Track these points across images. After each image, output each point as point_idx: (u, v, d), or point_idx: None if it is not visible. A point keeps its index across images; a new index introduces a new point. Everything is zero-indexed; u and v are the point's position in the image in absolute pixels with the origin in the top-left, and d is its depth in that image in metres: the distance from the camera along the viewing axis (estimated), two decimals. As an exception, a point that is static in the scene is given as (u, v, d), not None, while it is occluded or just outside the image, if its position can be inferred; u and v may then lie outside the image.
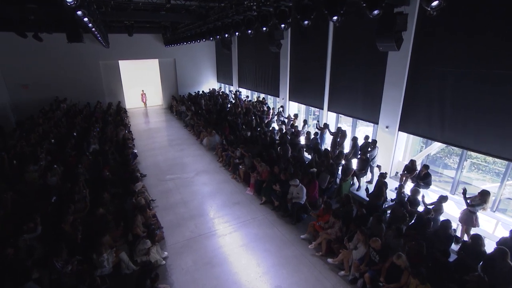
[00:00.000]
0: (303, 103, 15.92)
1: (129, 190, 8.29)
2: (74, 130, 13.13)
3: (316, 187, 8.99)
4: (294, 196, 8.66)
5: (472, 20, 7.82)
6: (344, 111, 13.07)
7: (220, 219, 8.85)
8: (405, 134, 10.87)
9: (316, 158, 10.56)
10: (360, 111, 12.16)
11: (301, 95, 15.58)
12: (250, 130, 13.66)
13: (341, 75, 12.75)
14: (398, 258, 5.48)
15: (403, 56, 9.84)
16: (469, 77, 8.10)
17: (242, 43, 20.98)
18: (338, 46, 12.75)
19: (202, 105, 19.69)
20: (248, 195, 10.22)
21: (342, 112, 13.20)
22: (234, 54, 21.64)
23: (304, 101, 15.65)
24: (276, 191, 9.20)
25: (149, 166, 12.67)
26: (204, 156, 13.83)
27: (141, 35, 21.37)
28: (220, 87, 25.43)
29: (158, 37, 22.32)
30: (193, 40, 15.45)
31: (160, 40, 22.47)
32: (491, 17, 7.46)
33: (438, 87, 8.97)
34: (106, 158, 10.48)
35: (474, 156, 11.00)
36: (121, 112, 18.42)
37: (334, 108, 13.59)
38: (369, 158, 10.23)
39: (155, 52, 22.65)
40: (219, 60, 24.92)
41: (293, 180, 8.60)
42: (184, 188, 10.71)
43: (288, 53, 15.77)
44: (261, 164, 10.01)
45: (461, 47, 8.19)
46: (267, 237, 8.00)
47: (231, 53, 21.53)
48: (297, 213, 8.59)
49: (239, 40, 21.08)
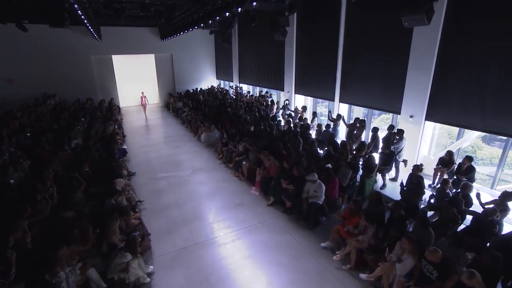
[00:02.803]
0: (310, 96, 14.41)
1: (109, 188, 6.65)
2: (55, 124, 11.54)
3: (336, 184, 7.38)
4: (311, 194, 7.04)
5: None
6: (359, 101, 11.52)
7: (220, 223, 7.21)
8: (432, 124, 9.38)
9: (332, 151, 8.97)
10: (378, 100, 10.62)
11: (309, 87, 14.05)
12: (253, 123, 12.06)
13: (355, 61, 11.24)
14: (470, 278, 3.82)
15: (433, 33, 8.31)
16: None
17: (242, 36, 19.52)
18: (351, 28, 11.24)
19: (201, 101, 18.10)
20: (253, 195, 8.60)
21: (357, 102, 11.65)
22: (234, 49, 20.16)
23: (312, 93, 14.12)
24: (287, 190, 7.58)
25: (139, 163, 11.06)
26: (202, 152, 12.24)
27: (135, 28, 20.00)
28: (219, 84, 23.95)
29: (154, 30, 20.82)
30: (192, 27, 13.99)
31: (156, 34, 20.97)
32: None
33: (477, 66, 7.42)
34: (88, 153, 8.85)
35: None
36: (113, 108, 16.78)
37: (347, 99, 12.04)
38: (394, 152, 8.65)
39: (151, 47, 21.13)
40: (219, 55, 23.43)
41: (310, 175, 6.97)
42: (178, 188, 9.10)
43: (294, 41, 14.26)
44: (269, 157, 8.39)
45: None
46: (279, 246, 6.35)
47: (231, 47, 20.01)
48: (315, 215, 6.96)
49: (240, 34, 19.62)
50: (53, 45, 17.76)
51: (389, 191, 8.43)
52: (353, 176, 7.86)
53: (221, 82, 24.25)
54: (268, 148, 9.34)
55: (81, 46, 18.64)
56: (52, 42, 17.65)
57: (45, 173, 6.51)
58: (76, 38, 18.23)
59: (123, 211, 5.77)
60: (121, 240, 5.31)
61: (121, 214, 5.66)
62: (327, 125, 10.95)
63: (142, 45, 20.70)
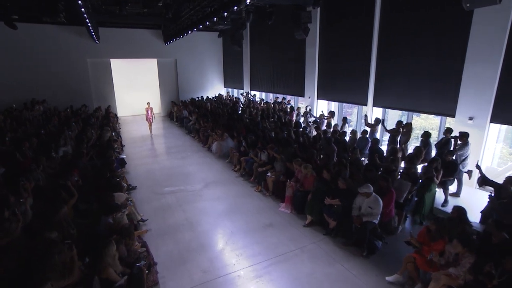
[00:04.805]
0: (337, 101, 13.31)
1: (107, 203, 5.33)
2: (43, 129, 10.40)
3: (393, 199, 6.06)
4: (364, 211, 5.72)
5: None
6: (399, 104, 10.45)
7: (247, 250, 5.86)
8: (497, 128, 8.21)
9: (377, 160, 7.70)
10: (424, 102, 9.55)
11: (335, 91, 13.00)
12: (274, 131, 10.88)
13: (394, 59, 10.26)
14: None
15: (502, 15, 7.23)
16: None
17: (254, 38, 18.71)
18: (389, 20, 10.28)
19: (209, 109, 17.00)
20: (284, 214, 7.27)
21: (397, 106, 10.58)
22: (245, 52, 19.24)
23: (338, 97, 13.04)
24: (331, 206, 6.26)
25: (140, 175, 9.81)
26: (214, 164, 11.00)
27: (137, 30, 19.27)
28: (228, 92, 22.92)
29: (157, 33, 20.01)
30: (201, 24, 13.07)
31: (159, 37, 20.13)
32: None
33: None
34: (78, 161, 7.61)
35: None
36: (110, 116, 15.63)
37: (383, 102, 10.96)
38: (456, 161, 7.36)
39: (153, 51, 20.25)
40: (227, 60, 22.55)
41: (364, 187, 5.67)
42: (188, 205, 7.78)
43: (316, 40, 13.30)
44: (306, 166, 7.07)
45: None
46: (331, 280, 4.98)
47: (242, 51, 19.07)
48: (370, 238, 5.62)
49: (251, 35, 18.79)
50: (44, 46, 16.89)
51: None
52: (412, 189, 6.53)
53: (230, 90, 23.27)
54: (297, 156, 8.09)
55: (76, 48, 17.78)
56: (44, 43, 16.84)
57: (21, 183, 5.23)
58: (71, 39, 17.41)
59: (125, 232, 4.45)
60: (120, 274, 3.96)
61: (123, 236, 4.34)
62: (363, 131, 9.72)
63: (144, 49, 19.86)
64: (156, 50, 20.32)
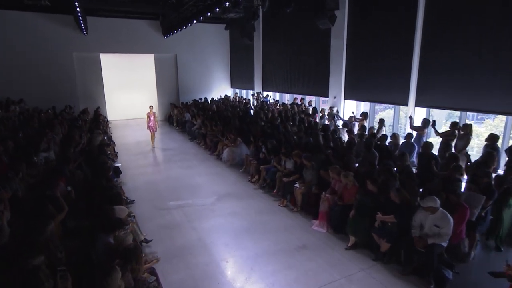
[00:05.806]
0: (370, 101, 12.92)
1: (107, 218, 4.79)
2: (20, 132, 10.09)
3: (466, 216, 5.48)
4: (429, 231, 5.13)
5: None
6: (451, 103, 10.03)
7: (279, 277, 5.29)
8: None
9: (435, 168, 7.16)
10: (484, 100, 8.96)
11: (366, 90, 12.58)
12: (297, 135, 10.43)
13: (443, 52, 9.80)
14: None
15: None
16: None
17: (267, 30, 18.53)
18: (437, 5, 9.82)
19: (215, 111, 16.69)
20: (319, 233, 6.74)
21: (449, 105, 10.19)
22: (257, 46, 19.04)
23: (371, 97, 12.67)
24: (384, 224, 5.69)
25: (139, 187, 9.39)
26: (226, 174, 10.63)
27: (132, 21, 19.24)
28: (236, 93, 22.77)
29: (155, 24, 19.95)
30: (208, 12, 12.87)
31: (157, 29, 20.05)
32: None
33: None
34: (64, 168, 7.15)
35: None
36: (100, 118, 15.31)
37: (429, 102, 10.63)
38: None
39: (150, 45, 20.16)
40: (235, 57, 22.47)
41: (429, 200, 5.09)
42: (199, 222, 7.29)
43: (344, 30, 12.99)
44: (347, 174, 6.53)
45: None
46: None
47: (253, 45, 18.80)
48: (437, 266, 5.02)
49: (264, 28, 18.57)
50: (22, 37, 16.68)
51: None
52: (487, 205, 5.95)
53: (238, 91, 23.13)
54: (330, 164, 7.58)
55: (60, 40, 17.61)
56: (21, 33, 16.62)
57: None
58: (54, 29, 17.28)
59: (131, 255, 3.90)
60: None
61: (128, 260, 3.79)
62: (407, 134, 9.23)
63: (139, 42, 19.79)
64: (153, 44, 20.24)
